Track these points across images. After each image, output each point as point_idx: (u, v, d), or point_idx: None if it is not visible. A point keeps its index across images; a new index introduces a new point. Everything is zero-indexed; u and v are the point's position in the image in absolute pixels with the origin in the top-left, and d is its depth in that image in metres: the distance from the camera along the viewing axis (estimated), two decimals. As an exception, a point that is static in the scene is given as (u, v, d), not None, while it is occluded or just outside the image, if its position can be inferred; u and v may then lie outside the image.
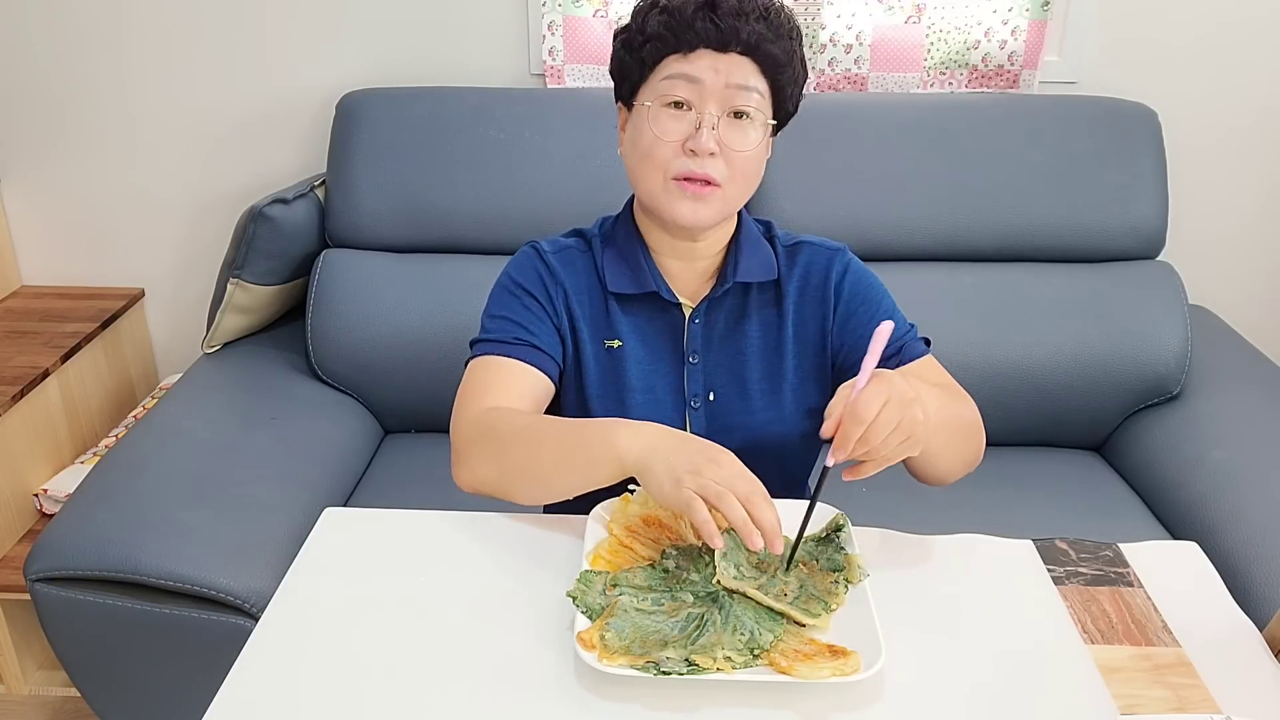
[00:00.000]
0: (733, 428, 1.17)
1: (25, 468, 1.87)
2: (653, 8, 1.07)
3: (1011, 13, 1.92)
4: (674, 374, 1.16)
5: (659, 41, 1.05)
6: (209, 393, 1.79)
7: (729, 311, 1.17)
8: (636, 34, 1.07)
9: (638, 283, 1.14)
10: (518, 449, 1.02)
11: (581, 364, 1.16)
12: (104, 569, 1.33)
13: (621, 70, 1.11)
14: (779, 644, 0.85)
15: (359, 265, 1.84)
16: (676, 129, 1.05)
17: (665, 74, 1.05)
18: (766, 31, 1.04)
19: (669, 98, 1.05)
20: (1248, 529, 1.44)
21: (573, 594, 0.89)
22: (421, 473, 1.72)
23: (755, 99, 1.05)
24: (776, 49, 1.05)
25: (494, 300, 1.17)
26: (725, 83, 1.04)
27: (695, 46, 1.04)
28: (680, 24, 1.04)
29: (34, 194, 2.16)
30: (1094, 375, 1.76)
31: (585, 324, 1.16)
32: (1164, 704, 0.82)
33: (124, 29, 2.01)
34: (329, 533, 1.04)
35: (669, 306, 1.15)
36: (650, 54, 1.06)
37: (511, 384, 1.10)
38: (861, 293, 1.17)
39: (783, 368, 1.17)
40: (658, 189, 1.07)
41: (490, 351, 1.12)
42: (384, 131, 1.84)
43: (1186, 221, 2.01)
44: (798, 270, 1.17)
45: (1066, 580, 0.97)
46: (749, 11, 1.04)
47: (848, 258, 1.19)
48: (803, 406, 1.18)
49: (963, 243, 1.83)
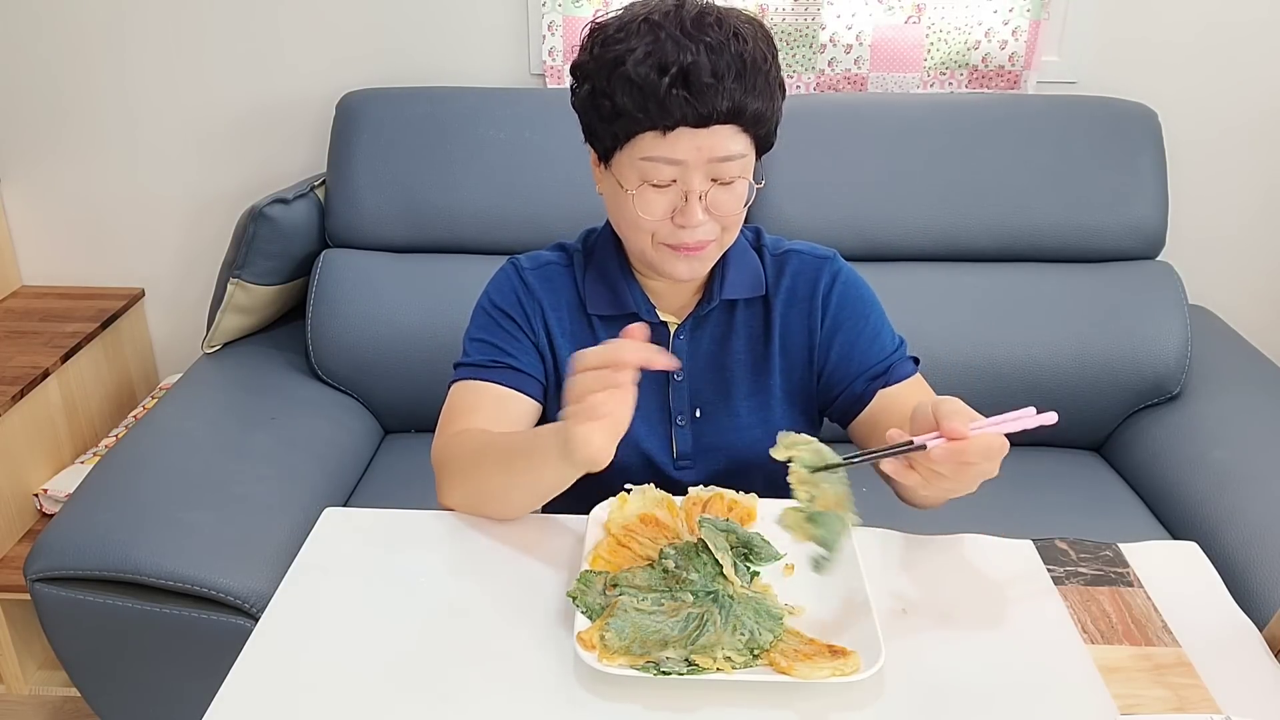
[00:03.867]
0: (720, 445, 1.15)
1: (25, 468, 1.87)
2: (616, 68, 0.96)
3: (1012, 13, 1.92)
4: (659, 391, 1.14)
5: (631, 120, 0.97)
6: (209, 393, 1.79)
7: (715, 327, 1.14)
8: (604, 99, 0.98)
9: (618, 304, 1.12)
10: (475, 469, 1.02)
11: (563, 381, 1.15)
12: (104, 569, 1.33)
13: (591, 131, 1.03)
14: (779, 644, 0.85)
15: (359, 265, 1.84)
16: (662, 205, 1.00)
17: (643, 154, 0.98)
18: (744, 90, 0.96)
19: (651, 179, 0.99)
20: (1248, 529, 1.44)
21: (573, 594, 0.89)
22: (421, 473, 1.70)
23: (740, 163, 0.99)
24: (758, 104, 0.97)
25: (474, 322, 1.16)
26: (709, 158, 0.97)
27: (674, 126, 0.96)
28: (653, 102, 0.95)
29: (34, 194, 2.16)
30: (1094, 375, 1.76)
31: (565, 341, 1.14)
32: (1164, 704, 0.82)
33: (124, 29, 2.02)
34: (329, 533, 1.04)
35: (652, 325, 1.12)
36: (623, 129, 0.98)
37: (487, 408, 1.10)
38: (850, 303, 1.14)
39: (770, 383, 1.15)
40: (647, 249, 1.04)
41: (468, 376, 1.12)
42: (384, 131, 1.84)
43: (1186, 221, 2.01)
44: (785, 281, 1.14)
45: (1066, 580, 0.97)
46: (723, 74, 0.94)
47: (837, 265, 1.15)
48: (791, 422, 1.16)
49: (963, 243, 1.83)
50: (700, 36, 0.95)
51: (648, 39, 0.95)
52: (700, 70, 0.94)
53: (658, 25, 0.96)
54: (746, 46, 0.96)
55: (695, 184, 0.98)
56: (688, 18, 0.96)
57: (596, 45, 1.00)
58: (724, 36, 0.96)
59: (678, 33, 0.95)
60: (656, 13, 0.97)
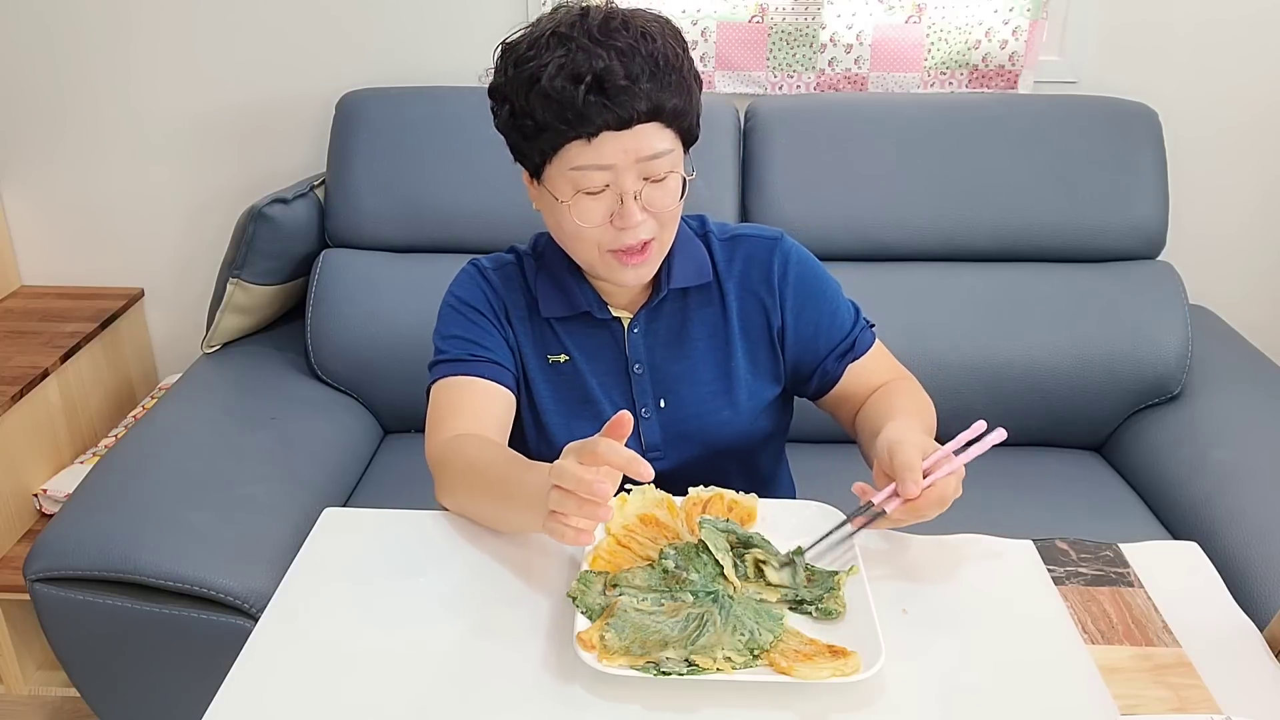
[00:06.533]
0: (689, 433, 1.16)
1: (25, 468, 1.87)
2: (532, 85, 0.98)
3: (1012, 13, 1.92)
4: (621, 385, 1.16)
5: (554, 132, 0.98)
6: (209, 393, 1.79)
7: (670, 317, 1.16)
8: (525, 119, 1.00)
9: (569, 304, 1.14)
10: (469, 492, 1.02)
11: (529, 379, 1.16)
12: (104, 569, 1.33)
13: (518, 150, 1.05)
14: (779, 644, 0.85)
15: (359, 265, 1.84)
16: (599, 211, 1.02)
17: (572, 164, 0.99)
18: (660, 89, 0.98)
19: (584, 188, 1.00)
20: (1248, 529, 1.44)
21: (573, 594, 0.89)
22: (421, 473, 1.70)
23: (668, 159, 1.01)
24: (676, 100, 0.99)
25: (443, 321, 1.16)
26: (636, 158, 0.99)
27: (596, 132, 0.97)
28: (572, 111, 0.96)
29: (34, 194, 2.16)
30: (1094, 375, 1.76)
31: (527, 341, 1.15)
32: (1164, 704, 0.82)
33: (124, 29, 2.01)
34: (329, 533, 1.04)
35: (606, 321, 1.15)
36: (549, 143, 1.00)
37: (477, 404, 1.10)
38: (807, 283, 1.17)
39: (733, 365, 1.16)
40: (594, 260, 1.06)
41: (451, 372, 1.12)
42: (384, 131, 1.84)
43: (1186, 221, 2.00)
44: (737, 265, 1.16)
45: (1066, 580, 0.97)
46: (637, 76, 0.96)
47: (787, 245, 1.17)
48: (758, 402, 1.18)
49: (963, 243, 1.83)
50: (609, 42, 0.97)
51: (559, 52, 0.97)
52: (614, 75, 0.96)
53: (566, 37, 0.97)
54: (656, 45, 0.98)
55: (628, 184, 1.00)
56: (594, 25, 0.98)
57: (510, 65, 1.01)
58: (633, 39, 0.97)
59: (587, 41, 0.97)
60: (564, 25, 0.99)
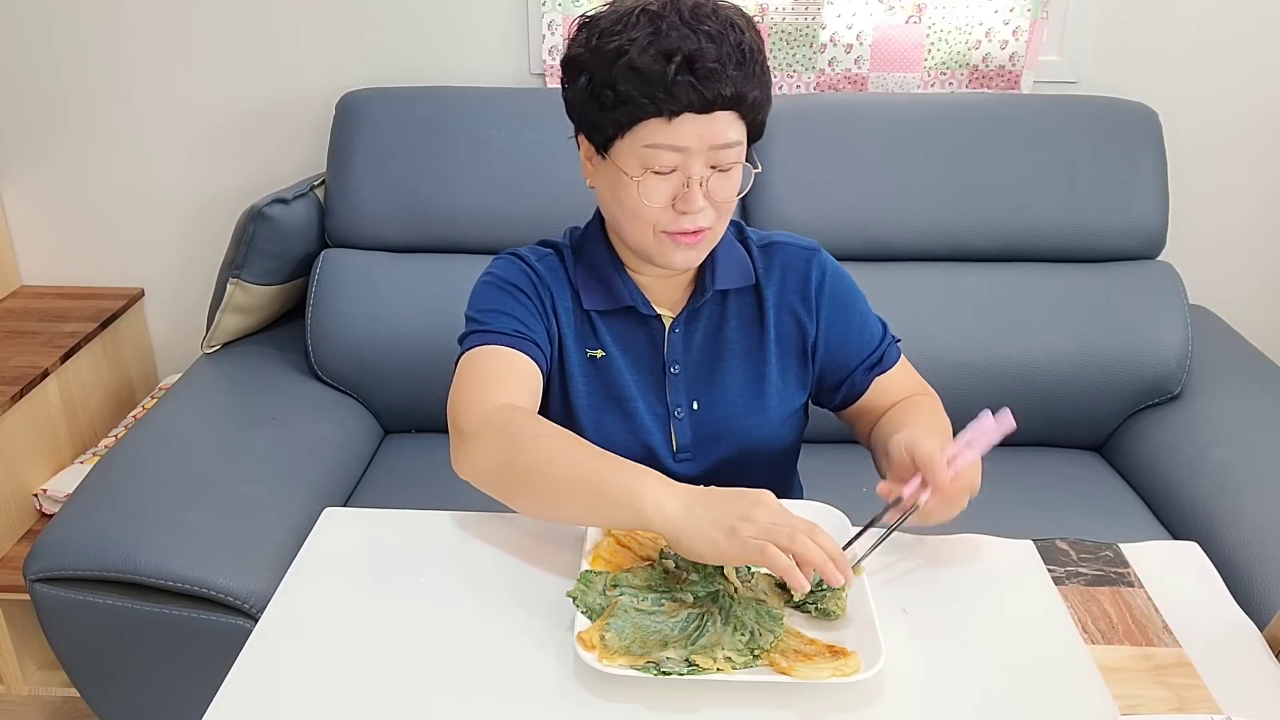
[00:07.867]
0: (719, 435, 1.16)
1: (25, 468, 1.87)
2: (618, 58, 0.97)
3: (1012, 13, 1.92)
4: (657, 385, 1.15)
5: (635, 105, 0.98)
6: (209, 393, 1.79)
7: (708, 319, 1.16)
8: (605, 89, 0.99)
9: (613, 298, 1.13)
10: (532, 458, 0.96)
11: (566, 372, 1.14)
12: (104, 569, 1.33)
13: (590, 123, 1.04)
14: (779, 644, 0.85)
15: (359, 265, 1.84)
16: (664, 192, 1.01)
17: (648, 141, 0.99)
18: (744, 78, 0.98)
19: (653, 166, 1.00)
20: (1248, 529, 1.44)
21: (573, 594, 0.89)
22: (421, 473, 1.72)
23: (736, 150, 1.02)
24: (756, 91, 1.00)
25: (481, 296, 1.13)
26: (710, 145, 0.99)
27: (679, 111, 0.97)
28: (659, 88, 0.96)
29: (34, 194, 2.15)
30: (1094, 375, 1.76)
31: (570, 334, 1.14)
32: (1164, 704, 0.82)
33: (124, 29, 2.01)
34: (329, 533, 1.04)
35: (648, 319, 1.14)
36: (626, 116, 0.99)
37: (517, 376, 1.06)
38: (841, 296, 1.18)
39: (765, 371, 1.16)
40: (648, 241, 1.05)
41: (490, 341, 1.07)
42: (384, 131, 1.84)
43: (1186, 221, 2.00)
44: (775, 272, 1.16)
45: (1067, 580, 0.97)
46: (725, 61, 0.97)
47: (824, 258, 1.18)
48: (787, 409, 1.18)
49: (963, 243, 1.83)
50: (699, 26, 0.97)
51: (648, 29, 0.97)
52: (704, 57, 0.96)
53: (657, 15, 0.98)
54: (744, 36, 1.00)
55: (696, 170, 1.00)
56: (685, 8, 0.99)
57: (594, 38, 1.01)
58: (721, 26, 0.98)
59: (678, 21, 0.97)
60: (654, 3, 0.99)
